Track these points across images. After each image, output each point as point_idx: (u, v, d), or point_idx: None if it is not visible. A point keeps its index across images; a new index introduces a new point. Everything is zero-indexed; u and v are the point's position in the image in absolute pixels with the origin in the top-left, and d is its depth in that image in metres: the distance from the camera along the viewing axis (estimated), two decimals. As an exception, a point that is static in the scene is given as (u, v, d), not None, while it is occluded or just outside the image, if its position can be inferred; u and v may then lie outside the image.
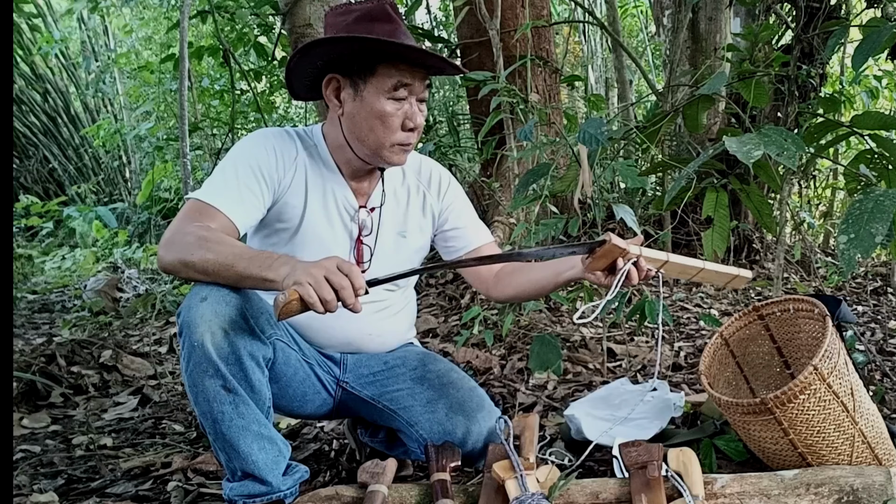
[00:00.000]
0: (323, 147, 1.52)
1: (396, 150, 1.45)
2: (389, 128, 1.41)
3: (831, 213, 4.97)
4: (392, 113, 1.40)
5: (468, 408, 1.53)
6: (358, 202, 1.54)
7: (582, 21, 6.00)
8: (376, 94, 1.39)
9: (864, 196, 1.48)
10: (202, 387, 1.27)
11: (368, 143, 1.44)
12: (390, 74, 1.38)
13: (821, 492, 1.26)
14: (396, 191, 1.60)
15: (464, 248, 1.68)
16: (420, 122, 1.43)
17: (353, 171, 1.52)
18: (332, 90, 1.44)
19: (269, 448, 1.34)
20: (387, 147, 1.43)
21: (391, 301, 1.62)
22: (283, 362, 1.44)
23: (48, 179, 8.51)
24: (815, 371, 1.29)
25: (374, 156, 1.46)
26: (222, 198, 1.36)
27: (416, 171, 1.65)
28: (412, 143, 1.46)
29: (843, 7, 2.91)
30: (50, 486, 1.75)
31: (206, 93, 5.89)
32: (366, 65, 1.38)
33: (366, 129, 1.42)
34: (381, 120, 1.40)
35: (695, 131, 2.27)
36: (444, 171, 1.69)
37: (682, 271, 1.45)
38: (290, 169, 1.47)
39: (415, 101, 1.42)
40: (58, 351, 2.72)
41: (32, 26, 7.97)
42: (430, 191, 1.64)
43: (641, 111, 5.10)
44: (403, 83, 1.39)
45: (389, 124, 1.41)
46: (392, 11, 1.39)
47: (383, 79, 1.38)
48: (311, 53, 1.40)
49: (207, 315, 1.26)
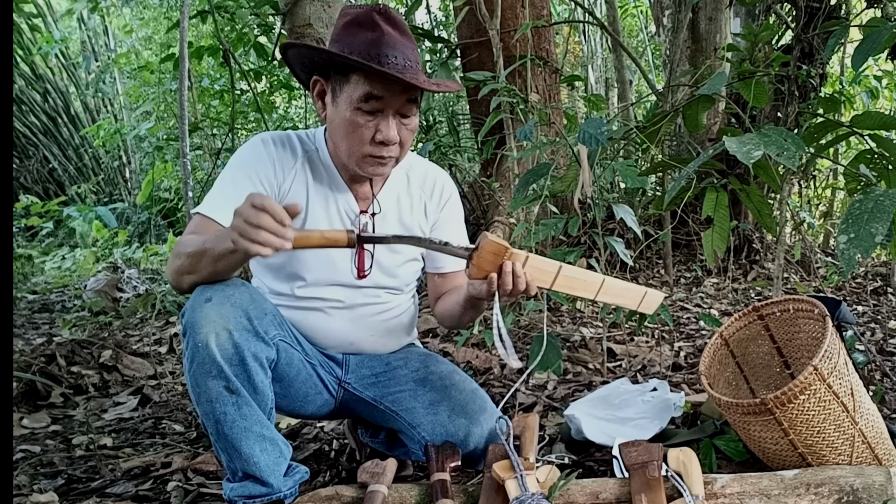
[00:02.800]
0: (324, 151, 1.50)
1: (369, 160, 1.40)
2: (360, 139, 1.36)
3: (831, 213, 4.98)
4: (361, 124, 1.35)
5: (470, 410, 1.53)
6: (359, 207, 1.52)
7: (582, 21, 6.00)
8: (348, 103, 1.35)
9: (864, 196, 1.48)
10: (205, 387, 1.27)
11: (342, 151, 1.42)
12: (361, 85, 1.32)
13: (821, 492, 1.26)
14: (400, 196, 1.58)
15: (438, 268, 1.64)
16: (392, 136, 1.35)
17: (353, 175, 1.49)
18: (317, 92, 1.43)
19: (271, 449, 1.34)
20: (357, 157, 1.39)
21: (394, 303, 1.61)
22: (286, 363, 1.44)
23: (48, 179, 8.51)
24: (815, 371, 1.29)
25: (351, 164, 1.43)
26: (220, 210, 1.36)
27: (422, 179, 1.62)
28: (389, 157, 1.40)
29: (843, 7, 2.92)
30: (50, 486, 1.74)
31: (206, 93, 5.89)
32: (340, 71, 1.35)
33: (340, 136, 1.40)
34: (352, 129, 1.36)
35: (695, 131, 2.27)
36: (449, 184, 1.66)
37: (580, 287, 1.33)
38: (290, 174, 1.46)
39: (391, 116, 1.35)
40: (58, 351, 2.71)
41: (32, 26, 7.97)
42: (430, 200, 1.62)
43: (641, 111, 5.11)
44: (374, 95, 1.32)
45: (359, 135, 1.36)
46: (380, 19, 1.34)
47: (354, 89, 1.33)
48: (287, 56, 1.40)
49: (212, 316, 1.26)
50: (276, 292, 1.52)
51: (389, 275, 1.57)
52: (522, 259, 1.28)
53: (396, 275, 1.58)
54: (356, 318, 1.56)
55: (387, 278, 1.56)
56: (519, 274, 1.27)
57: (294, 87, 5.57)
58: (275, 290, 1.53)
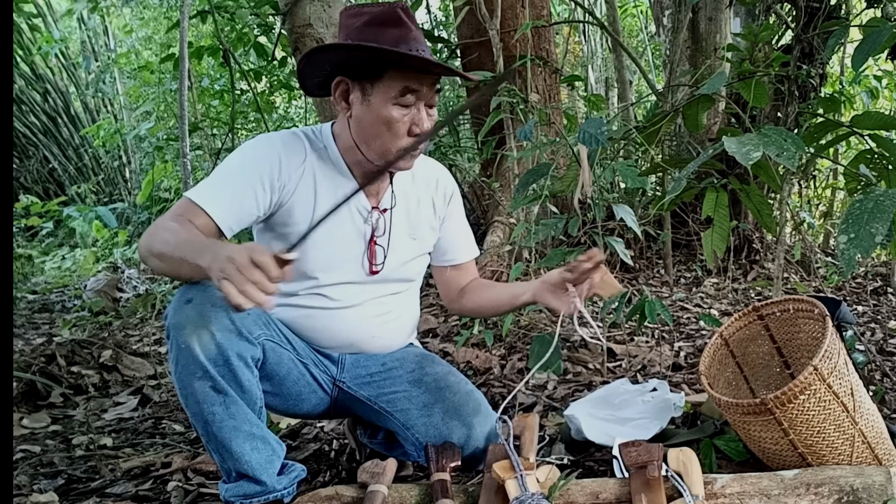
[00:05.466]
0: (333, 148, 1.50)
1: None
2: (396, 134, 1.39)
3: (831, 213, 4.98)
4: (398, 119, 1.38)
5: (464, 412, 1.53)
6: (370, 203, 1.53)
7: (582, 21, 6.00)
8: (384, 99, 1.37)
9: (864, 196, 1.48)
10: (191, 389, 1.28)
11: (374, 148, 1.43)
12: (398, 80, 1.35)
13: (821, 492, 1.26)
14: (407, 193, 1.59)
15: (450, 260, 1.71)
16: (427, 127, 1.41)
17: (365, 172, 1.50)
18: (341, 93, 1.43)
19: (262, 448, 1.34)
20: (392, 152, 1.41)
21: (396, 304, 1.61)
22: (275, 362, 1.43)
23: (48, 179, 8.50)
24: (815, 371, 1.29)
25: (381, 160, 1.44)
26: (210, 199, 1.36)
27: (426, 176, 1.64)
28: (421, 149, 1.46)
29: (843, 7, 2.91)
30: (50, 486, 1.75)
31: (206, 93, 5.89)
32: (374, 70, 1.36)
33: (372, 134, 1.41)
34: (388, 126, 1.38)
35: (695, 131, 2.27)
36: (452, 179, 1.70)
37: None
38: (297, 172, 1.46)
39: (423, 107, 1.40)
40: (58, 351, 2.71)
41: (32, 26, 7.96)
42: (437, 195, 1.64)
43: (641, 111, 5.10)
44: (411, 89, 1.37)
45: (396, 130, 1.39)
46: (404, 16, 1.37)
47: (391, 84, 1.36)
48: (318, 58, 1.39)
49: (193, 317, 1.26)
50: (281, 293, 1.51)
51: (400, 270, 1.57)
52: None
53: (407, 270, 1.59)
54: (359, 318, 1.56)
55: (397, 273, 1.57)
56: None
57: (294, 87, 5.57)
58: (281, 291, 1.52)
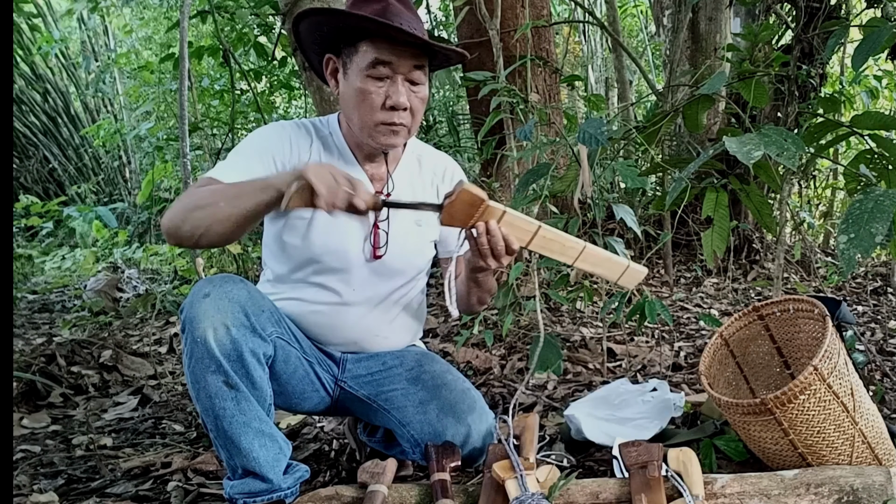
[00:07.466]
0: (338, 134, 1.52)
1: (383, 129, 1.41)
2: (371, 106, 1.38)
3: (831, 213, 4.98)
4: (371, 91, 1.37)
5: (459, 410, 1.53)
6: (374, 187, 1.52)
7: (582, 21, 6.00)
8: (358, 71, 1.38)
9: (864, 196, 1.48)
10: (204, 382, 1.28)
11: (355, 123, 1.44)
12: (370, 52, 1.36)
13: (821, 492, 1.26)
14: (413, 180, 1.59)
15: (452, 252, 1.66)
16: (402, 100, 1.37)
17: (366, 155, 1.51)
18: (331, 71, 1.46)
19: (270, 445, 1.34)
20: (369, 127, 1.41)
21: (401, 303, 1.61)
22: (283, 360, 1.44)
23: (48, 179, 8.51)
24: (815, 371, 1.29)
25: (364, 136, 1.44)
26: (226, 173, 1.36)
27: (433, 164, 1.64)
28: (401, 124, 1.41)
29: (843, 7, 2.91)
30: (50, 486, 1.75)
31: (206, 93, 5.88)
32: (349, 42, 1.38)
33: (352, 107, 1.42)
34: (363, 98, 1.38)
35: (695, 131, 2.27)
36: (459, 170, 1.69)
37: (557, 250, 1.28)
38: (305, 155, 1.48)
39: (401, 80, 1.38)
40: (58, 351, 2.71)
41: (32, 26, 7.97)
42: (442, 184, 1.63)
43: (641, 111, 5.11)
44: (382, 61, 1.35)
45: (370, 102, 1.38)
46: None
47: (364, 56, 1.36)
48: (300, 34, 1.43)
49: (210, 311, 1.27)
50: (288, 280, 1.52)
51: (404, 258, 1.56)
52: (498, 214, 1.23)
53: (411, 258, 1.58)
54: (362, 316, 1.55)
55: (400, 260, 1.55)
56: (493, 232, 1.24)
57: (294, 87, 5.56)
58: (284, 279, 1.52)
